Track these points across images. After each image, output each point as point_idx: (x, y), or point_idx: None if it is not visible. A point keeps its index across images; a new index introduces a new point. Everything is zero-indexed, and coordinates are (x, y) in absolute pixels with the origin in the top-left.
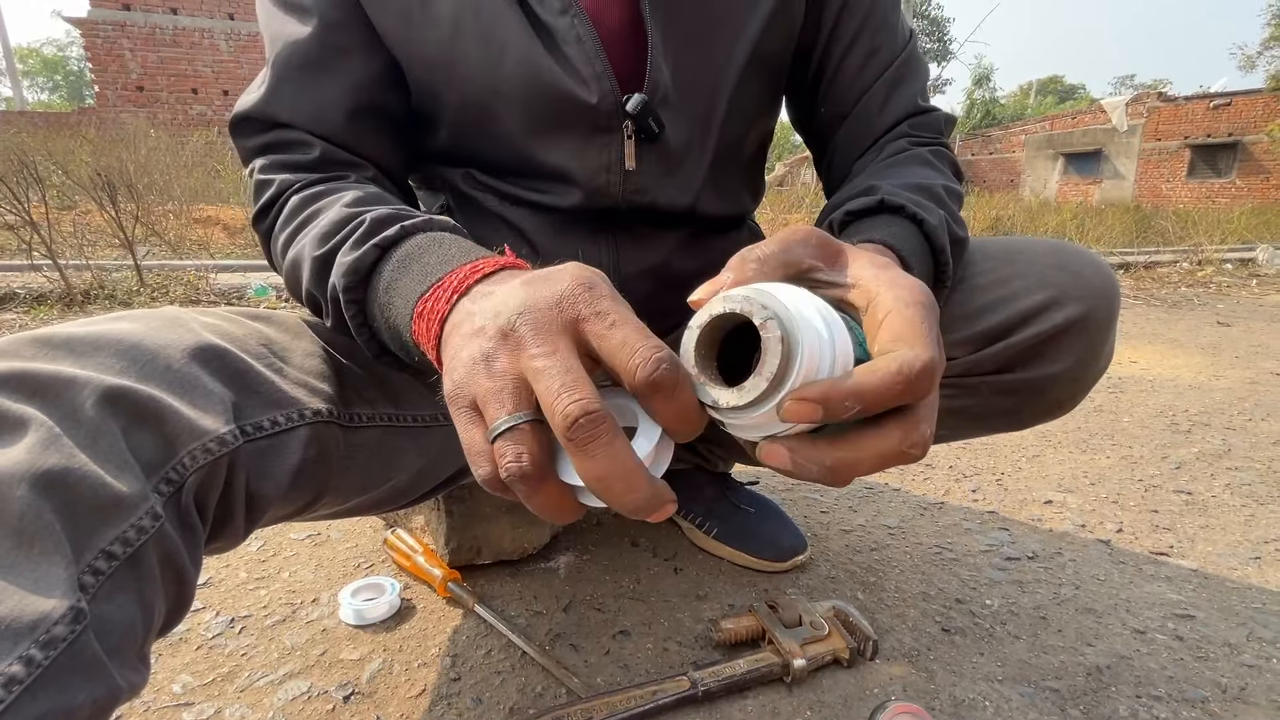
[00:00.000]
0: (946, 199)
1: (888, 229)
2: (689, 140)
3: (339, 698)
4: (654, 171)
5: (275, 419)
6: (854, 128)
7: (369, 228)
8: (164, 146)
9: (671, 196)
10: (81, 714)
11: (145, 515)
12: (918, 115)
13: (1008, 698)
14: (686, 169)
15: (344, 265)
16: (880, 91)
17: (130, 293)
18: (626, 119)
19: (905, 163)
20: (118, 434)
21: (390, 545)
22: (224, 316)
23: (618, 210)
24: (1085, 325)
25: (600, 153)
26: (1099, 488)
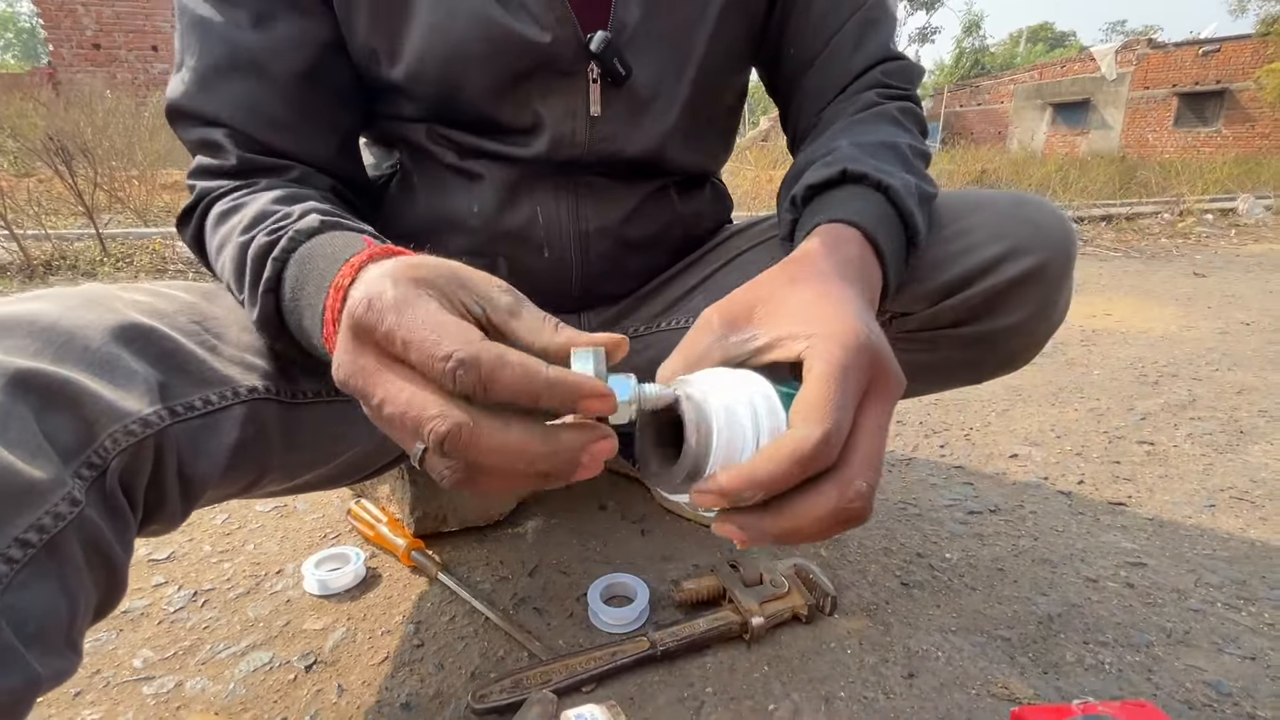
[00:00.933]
0: (913, 159)
1: (850, 204)
2: (659, 84)
3: (301, 667)
4: (621, 117)
5: (207, 398)
6: (824, 70)
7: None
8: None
9: (639, 144)
10: None
11: (62, 501)
12: (890, 61)
13: (960, 648)
14: (655, 114)
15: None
16: (852, 32)
17: (94, 263)
18: (590, 60)
19: (872, 120)
20: (29, 418)
21: (354, 515)
22: (154, 293)
23: (581, 161)
24: (1041, 275)
25: (565, 98)
26: (1065, 441)
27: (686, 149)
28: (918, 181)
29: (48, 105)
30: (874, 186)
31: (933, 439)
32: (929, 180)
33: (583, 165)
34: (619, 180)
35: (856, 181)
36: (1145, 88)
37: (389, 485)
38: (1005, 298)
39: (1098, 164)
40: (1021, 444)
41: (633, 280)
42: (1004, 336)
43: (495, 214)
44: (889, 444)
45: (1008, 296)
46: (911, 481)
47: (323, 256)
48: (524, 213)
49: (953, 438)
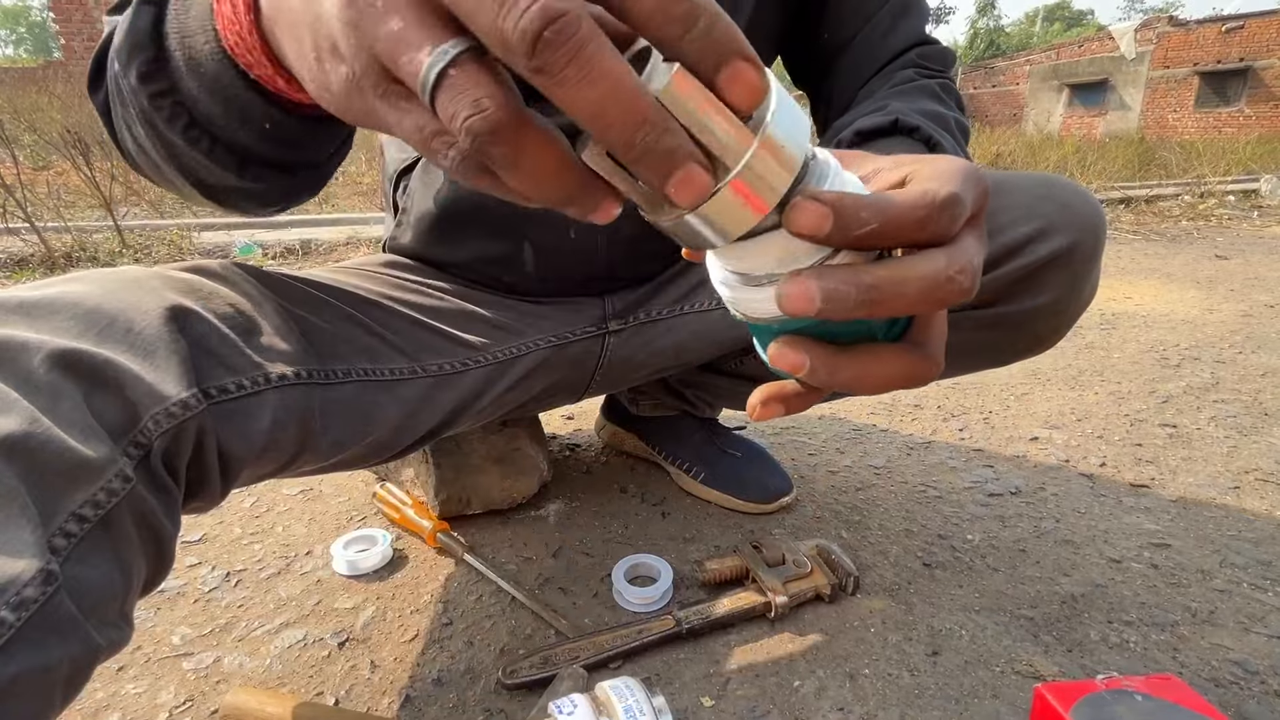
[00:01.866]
0: (956, 132)
1: (901, 149)
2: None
3: (334, 644)
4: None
5: (240, 383)
6: (860, 52)
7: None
8: None
9: None
10: (60, 671)
11: (115, 478)
12: (925, 45)
13: (983, 626)
14: None
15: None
16: (885, 18)
17: (112, 254)
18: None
19: (915, 92)
20: (79, 398)
21: (380, 499)
22: (193, 275)
23: None
24: (1071, 256)
25: None
26: (1085, 424)
27: None
28: (961, 152)
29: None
30: (924, 141)
31: (951, 422)
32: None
33: None
34: None
35: (908, 133)
36: (1165, 67)
37: (413, 469)
38: (1035, 278)
39: (1116, 145)
40: (1042, 427)
41: (655, 262)
42: (1032, 317)
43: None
44: (907, 428)
45: (1038, 277)
46: (931, 464)
47: None
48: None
49: (972, 421)
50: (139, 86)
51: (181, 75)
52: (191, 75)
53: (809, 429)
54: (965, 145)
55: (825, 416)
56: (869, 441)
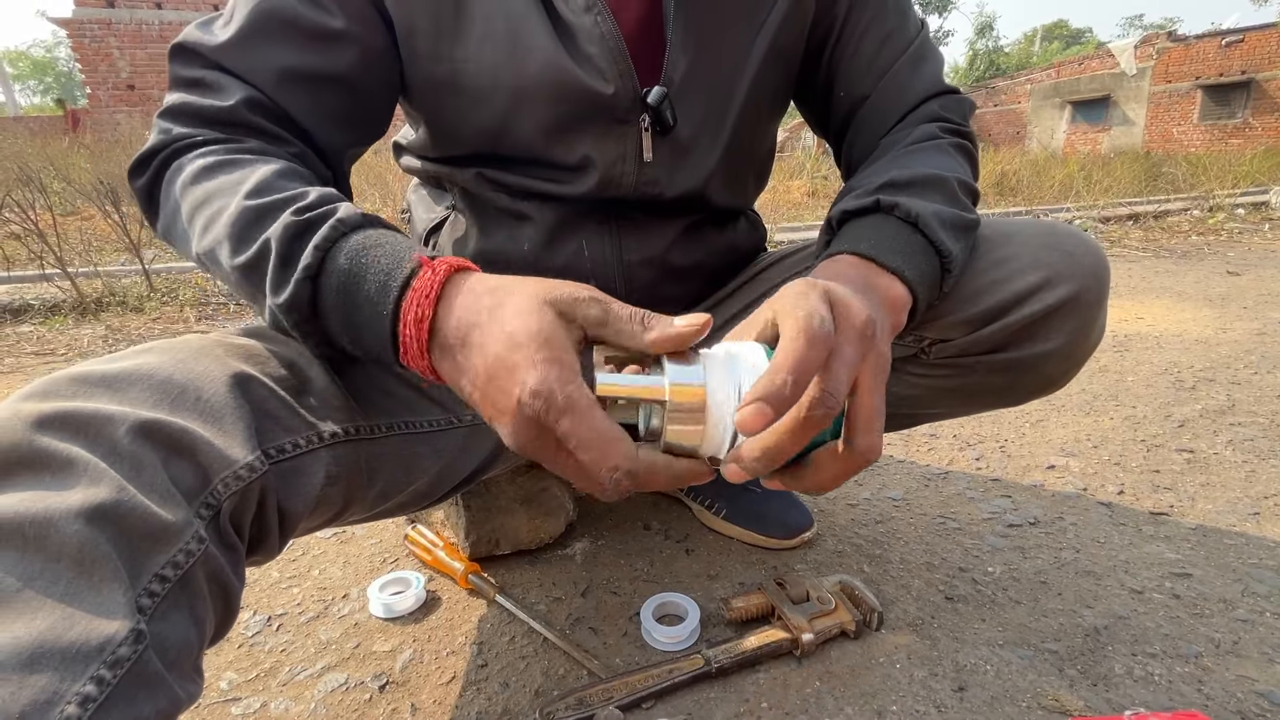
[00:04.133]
0: (959, 193)
1: (874, 233)
2: (701, 131)
3: (375, 687)
4: (666, 162)
5: (296, 442)
6: (879, 103)
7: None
8: None
9: (681, 186)
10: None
11: (191, 539)
12: (946, 94)
13: (1008, 661)
14: (697, 158)
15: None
16: (903, 69)
17: (141, 298)
18: (644, 112)
19: (926, 152)
20: (158, 465)
21: (412, 540)
22: (248, 341)
23: (626, 200)
24: (1077, 304)
25: (618, 143)
26: (1101, 450)
27: (725, 189)
28: (957, 211)
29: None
30: (903, 217)
31: (967, 452)
32: (971, 212)
33: (626, 204)
34: (658, 216)
35: (888, 211)
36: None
37: (443, 511)
38: (1042, 325)
39: (1121, 161)
40: (1058, 454)
41: (673, 306)
42: (1041, 362)
43: (543, 250)
44: (924, 459)
45: (1044, 324)
46: (949, 495)
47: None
48: (570, 248)
49: (988, 450)
50: (285, 319)
51: (332, 331)
52: (347, 338)
53: None
54: (968, 204)
55: None
56: (886, 473)
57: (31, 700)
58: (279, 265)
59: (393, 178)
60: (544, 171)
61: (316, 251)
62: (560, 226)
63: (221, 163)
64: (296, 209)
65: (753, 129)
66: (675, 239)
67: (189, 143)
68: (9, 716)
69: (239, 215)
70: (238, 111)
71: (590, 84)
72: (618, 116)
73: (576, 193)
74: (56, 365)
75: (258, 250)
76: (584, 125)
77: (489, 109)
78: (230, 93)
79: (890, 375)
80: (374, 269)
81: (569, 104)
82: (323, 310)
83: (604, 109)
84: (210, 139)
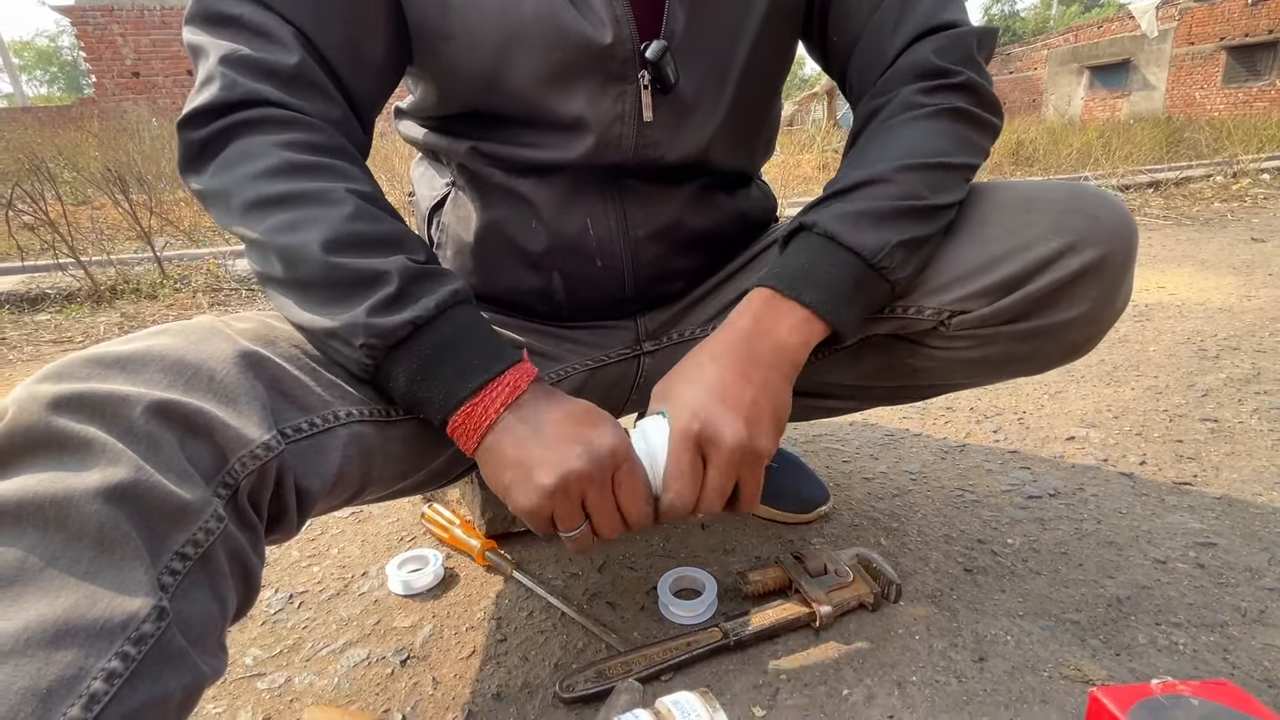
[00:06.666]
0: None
1: (789, 259)
2: (702, 91)
3: (396, 662)
4: (667, 123)
5: (313, 421)
6: (867, 48)
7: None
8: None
9: (682, 149)
10: (174, 700)
11: (210, 518)
12: (938, 31)
13: (1029, 631)
14: (698, 121)
15: (373, 341)
16: (892, 6)
17: (154, 285)
18: (644, 67)
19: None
20: (175, 445)
21: (428, 519)
22: (260, 322)
23: (625, 166)
24: (1101, 269)
25: (616, 102)
26: (1123, 420)
27: (729, 152)
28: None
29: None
30: (820, 235)
31: (985, 424)
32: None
33: (626, 170)
34: (662, 183)
35: (810, 229)
36: (1190, 43)
37: (459, 489)
38: (1065, 292)
39: (1141, 127)
40: (1078, 426)
41: (682, 280)
42: (1065, 329)
43: (547, 229)
44: (940, 431)
45: (1068, 291)
46: (966, 468)
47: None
48: (575, 225)
49: (1006, 422)
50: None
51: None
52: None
53: (841, 435)
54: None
55: (856, 423)
56: (903, 446)
57: (58, 676)
58: (393, 298)
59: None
60: (537, 135)
61: (436, 309)
62: (562, 202)
63: (303, 165)
64: (412, 257)
65: (758, 88)
66: (682, 207)
67: (262, 116)
68: (36, 692)
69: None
70: (299, 70)
71: (586, 30)
72: (615, 71)
73: (571, 157)
74: (73, 352)
75: (365, 273)
76: (579, 78)
77: (480, 54)
78: (286, 45)
79: (909, 348)
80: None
81: (563, 51)
82: (400, 355)
83: (600, 60)
84: (280, 118)
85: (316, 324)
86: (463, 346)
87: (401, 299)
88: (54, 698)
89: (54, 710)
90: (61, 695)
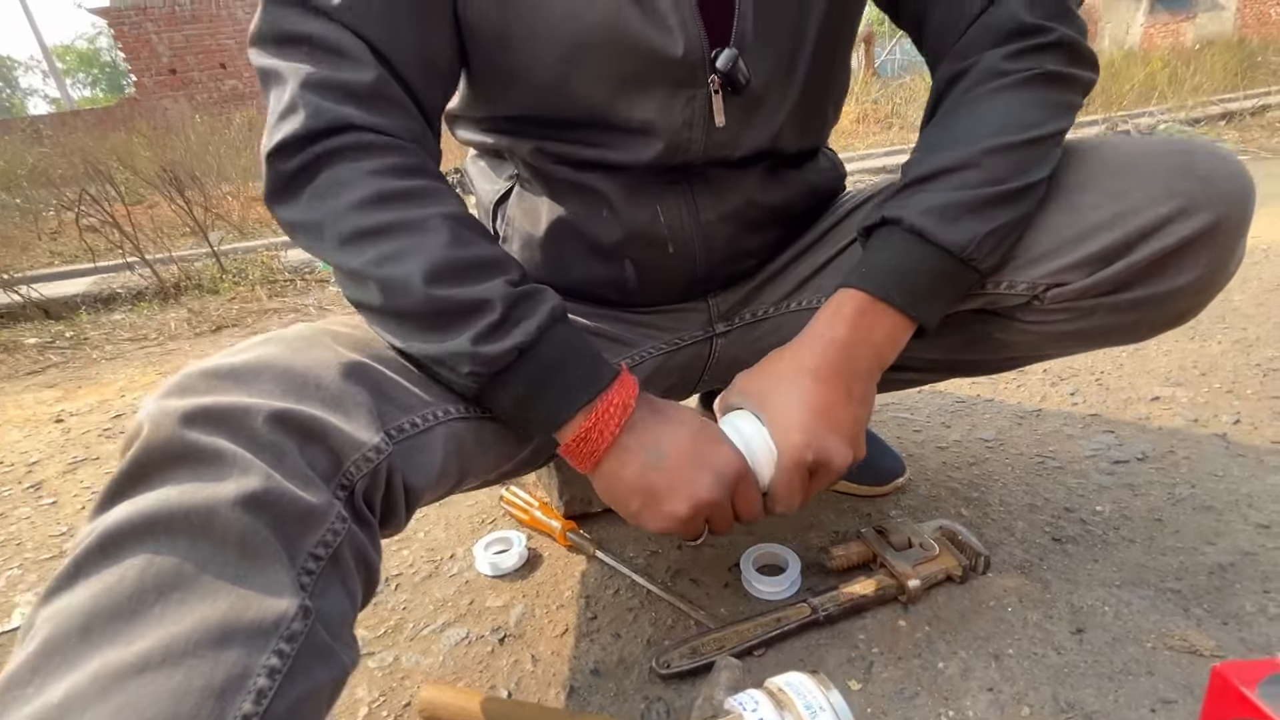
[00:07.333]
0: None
1: (875, 256)
2: (771, 83)
3: (494, 640)
4: (737, 122)
5: (414, 421)
6: (945, 5)
7: (500, 318)
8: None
9: (751, 143)
10: (325, 691)
11: (336, 519)
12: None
13: (1127, 601)
14: (767, 112)
15: (479, 369)
16: None
17: (214, 280)
18: (714, 73)
19: (979, 103)
20: (295, 451)
21: (507, 501)
22: (355, 327)
23: (695, 163)
24: (1215, 234)
25: (685, 107)
26: (1211, 378)
27: (797, 135)
28: (980, 191)
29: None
30: (907, 230)
31: (1061, 386)
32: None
33: (694, 165)
34: (731, 168)
35: (896, 224)
36: None
37: (535, 474)
38: (1174, 259)
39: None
40: (1162, 385)
41: (754, 258)
42: (1171, 298)
43: (618, 219)
44: (1013, 397)
45: (1177, 258)
46: (1045, 433)
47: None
48: (645, 215)
49: (1083, 383)
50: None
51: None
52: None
53: (910, 404)
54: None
55: (925, 391)
56: (975, 413)
57: (227, 674)
58: (495, 325)
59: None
60: (605, 138)
61: (538, 331)
62: (631, 194)
63: (396, 193)
64: (509, 279)
65: (827, 63)
66: (752, 188)
67: (352, 142)
68: (212, 690)
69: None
70: (377, 87)
71: (656, 40)
72: (684, 78)
73: (641, 161)
74: (151, 349)
75: (468, 302)
76: (648, 86)
77: (543, 61)
78: (362, 61)
79: (998, 323)
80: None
81: (632, 60)
82: (506, 378)
83: (670, 69)
84: (367, 143)
85: (420, 350)
86: (567, 367)
87: (504, 325)
88: (228, 695)
89: (229, 707)
90: (233, 692)
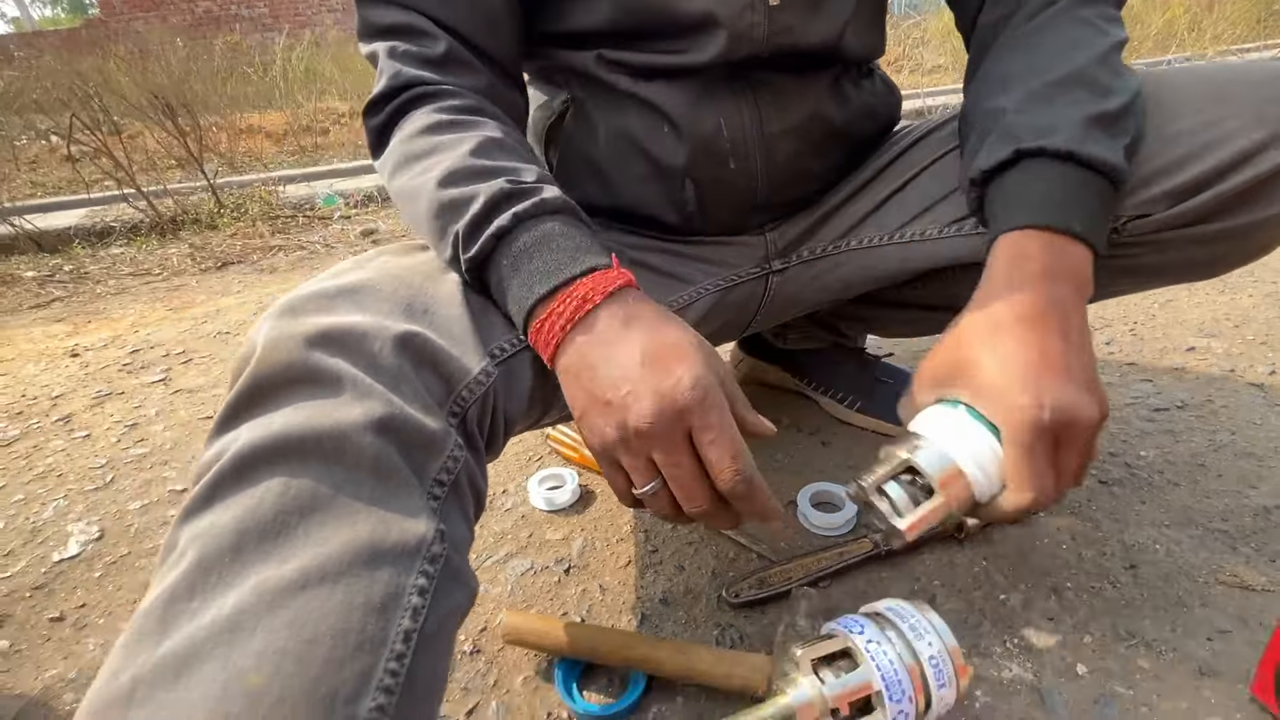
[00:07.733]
0: (1100, 75)
1: (1029, 192)
2: None
3: (560, 571)
4: (798, 6)
5: (512, 340)
6: None
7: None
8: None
9: (818, 33)
10: (462, 610)
11: (454, 446)
12: None
13: (1177, 540)
14: (831, 2)
15: (464, 258)
16: None
17: (212, 214)
18: None
19: (1045, 33)
20: (413, 377)
21: (554, 439)
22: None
23: (758, 59)
24: None
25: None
26: (1244, 330)
27: (860, 36)
28: (1101, 108)
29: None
30: (1053, 157)
31: (1095, 336)
32: (1118, 92)
33: (759, 62)
34: (794, 74)
35: (1034, 156)
36: None
37: None
38: (1264, 188)
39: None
40: (1196, 335)
41: (814, 184)
42: (1256, 229)
43: (679, 134)
44: None
45: (1267, 187)
46: None
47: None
48: (708, 126)
49: (1117, 333)
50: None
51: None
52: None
53: None
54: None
55: None
56: None
57: (384, 592)
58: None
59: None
60: (667, 40)
61: (514, 219)
62: (694, 104)
63: (444, 122)
64: (511, 179)
65: None
66: (817, 100)
67: (420, 93)
68: (372, 606)
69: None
70: (447, 55)
71: None
72: None
73: (705, 59)
74: (156, 285)
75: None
76: None
77: None
78: (434, 36)
79: None
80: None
81: None
82: (488, 271)
83: None
84: (434, 91)
85: (442, 255)
86: (535, 256)
87: (488, 218)
88: (388, 610)
89: (391, 622)
90: (392, 608)
